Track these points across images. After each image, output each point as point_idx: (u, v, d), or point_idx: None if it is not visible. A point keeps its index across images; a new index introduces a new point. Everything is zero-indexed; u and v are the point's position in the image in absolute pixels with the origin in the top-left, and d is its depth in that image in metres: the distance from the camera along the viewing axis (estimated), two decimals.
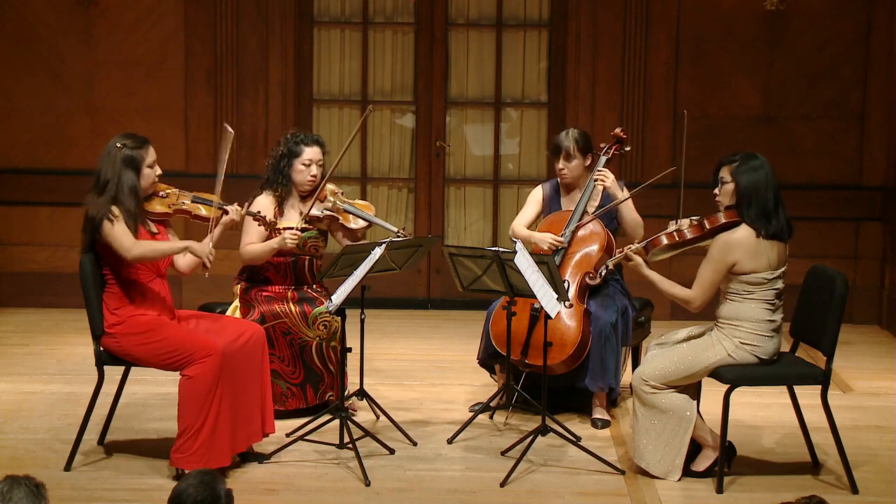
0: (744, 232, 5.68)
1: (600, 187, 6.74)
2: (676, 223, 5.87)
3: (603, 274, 6.14)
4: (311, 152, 6.64)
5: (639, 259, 5.83)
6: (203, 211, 5.97)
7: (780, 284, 5.72)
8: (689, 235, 5.79)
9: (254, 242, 6.54)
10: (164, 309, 5.86)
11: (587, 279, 6.56)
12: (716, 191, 5.80)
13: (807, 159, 9.16)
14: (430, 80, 9.34)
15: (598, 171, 6.75)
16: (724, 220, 5.72)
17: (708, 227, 5.75)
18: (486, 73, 9.37)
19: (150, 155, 5.87)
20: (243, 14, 9.09)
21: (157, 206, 5.92)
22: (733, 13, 9.06)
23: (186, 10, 9.10)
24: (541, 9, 9.33)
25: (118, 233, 5.71)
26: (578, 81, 9.13)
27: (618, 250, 5.95)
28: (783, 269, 5.73)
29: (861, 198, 9.15)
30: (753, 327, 5.69)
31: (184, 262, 6.00)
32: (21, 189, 9.20)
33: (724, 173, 5.76)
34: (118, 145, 5.82)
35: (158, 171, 5.92)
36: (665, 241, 5.81)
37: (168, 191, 5.98)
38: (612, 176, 6.74)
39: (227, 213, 5.98)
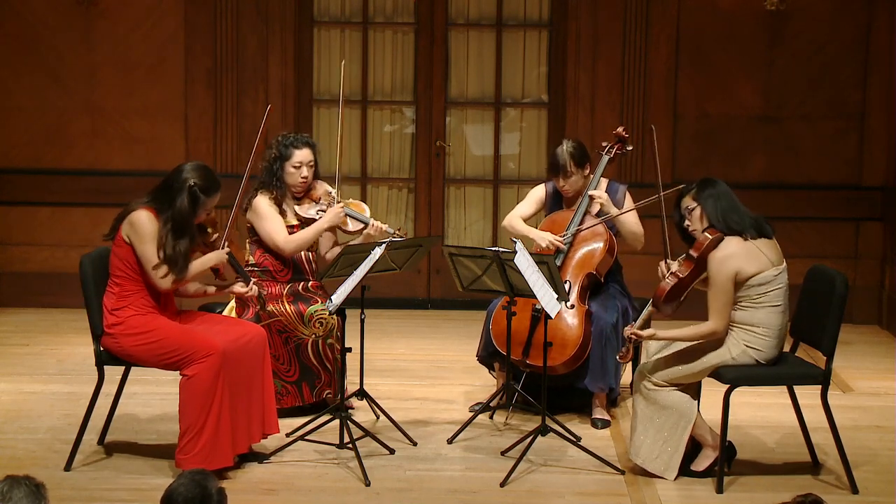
0: (731, 242, 5.68)
1: (603, 184, 6.76)
2: (666, 263, 5.87)
3: (630, 347, 5.93)
4: (300, 155, 6.65)
5: (648, 332, 5.77)
6: (219, 268, 6.00)
7: (784, 280, 5.72)
8: (685, 273, 5.74)
9: (280, 232, 6.58)
10: (164, 309, 5.86)
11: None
12: (686, 223, 5.81)
13: (807, 159, 9.15)
14: (430, 80, 9.33)
15: (592, 193, 6.69)
16: (708, 238, 5.69)
17: (696, 255, 5.71)
18: (486, 73, 9.37)
19: (213, 202, 5.84)
20: (243, 14, 9.09)
21: None
22: (733, 13, 9.05)
23: (186, 10, 9.10)
24: (541, 9, 9.32)
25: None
26: (578, 81, 9.13)
27: (629, 337, 5.81)
28: (784, 265, 5.74)
29: (861, 198, 9.14)
30: (765, 332, 5.68)
31: (191, 287, 6.02)
32: (21, 189, 9.19)
33: (687, 202, 5.81)
34: (191, 183, 5.75)
35: (213, 214, 5.93)
36: (669, 285, 5.74)
37: (209, 230, 5.97)
38: (605, 196, 6.71)
39: (243, 285, 6.05)
